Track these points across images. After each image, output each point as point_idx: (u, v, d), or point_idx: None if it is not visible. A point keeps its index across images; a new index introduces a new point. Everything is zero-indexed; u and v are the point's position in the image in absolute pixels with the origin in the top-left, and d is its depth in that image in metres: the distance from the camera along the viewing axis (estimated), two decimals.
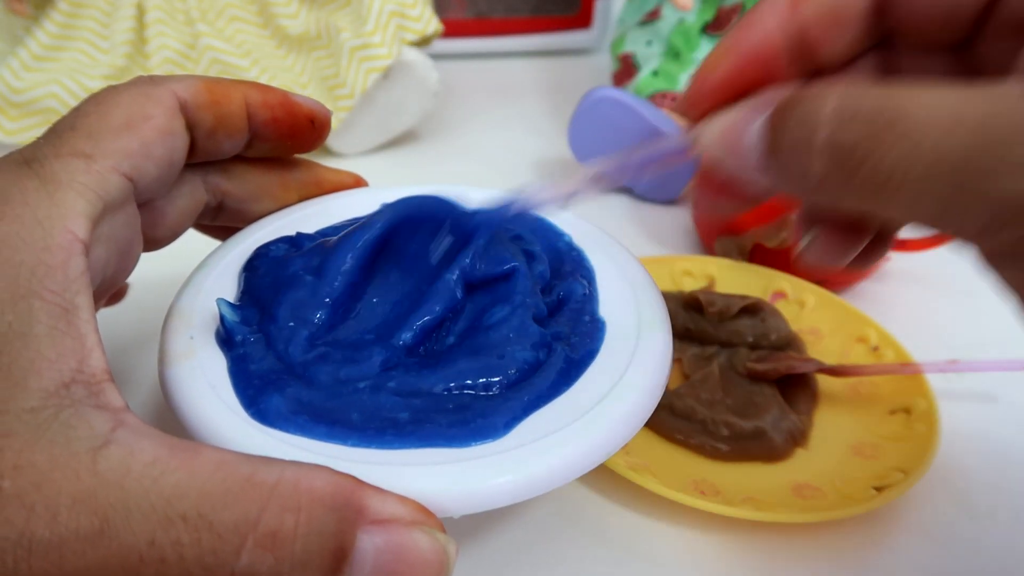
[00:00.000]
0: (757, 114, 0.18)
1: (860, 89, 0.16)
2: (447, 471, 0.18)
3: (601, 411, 0.20)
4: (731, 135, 0.18)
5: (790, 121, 0.17)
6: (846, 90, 0.16)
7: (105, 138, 0.20)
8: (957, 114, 0.14)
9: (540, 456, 0.18)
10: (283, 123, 0.25)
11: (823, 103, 0.16)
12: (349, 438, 0.19)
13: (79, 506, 0.15)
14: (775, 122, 0.17)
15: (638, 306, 0.23)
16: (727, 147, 0.19)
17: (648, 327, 0.23)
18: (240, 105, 0.23)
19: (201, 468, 0.16)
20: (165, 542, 0.15)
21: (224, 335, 0.22)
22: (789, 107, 0.17)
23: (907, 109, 0.15)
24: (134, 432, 0.16)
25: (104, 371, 0.17)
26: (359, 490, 0.17)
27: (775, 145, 0.17)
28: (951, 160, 0.14)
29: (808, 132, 0.16)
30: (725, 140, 0.19)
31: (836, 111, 0.16)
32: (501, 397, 0.20)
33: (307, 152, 0.26)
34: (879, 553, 0.26)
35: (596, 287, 0.24)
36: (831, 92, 0.16)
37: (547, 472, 0.18)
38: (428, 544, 0.17)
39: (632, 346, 0.22)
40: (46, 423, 0.16)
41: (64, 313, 0.17)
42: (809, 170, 0.16)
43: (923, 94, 0.15)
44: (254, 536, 0.15)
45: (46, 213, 0.18)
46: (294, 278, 0.23)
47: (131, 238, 0.21)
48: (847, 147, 0.16)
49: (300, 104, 0.25)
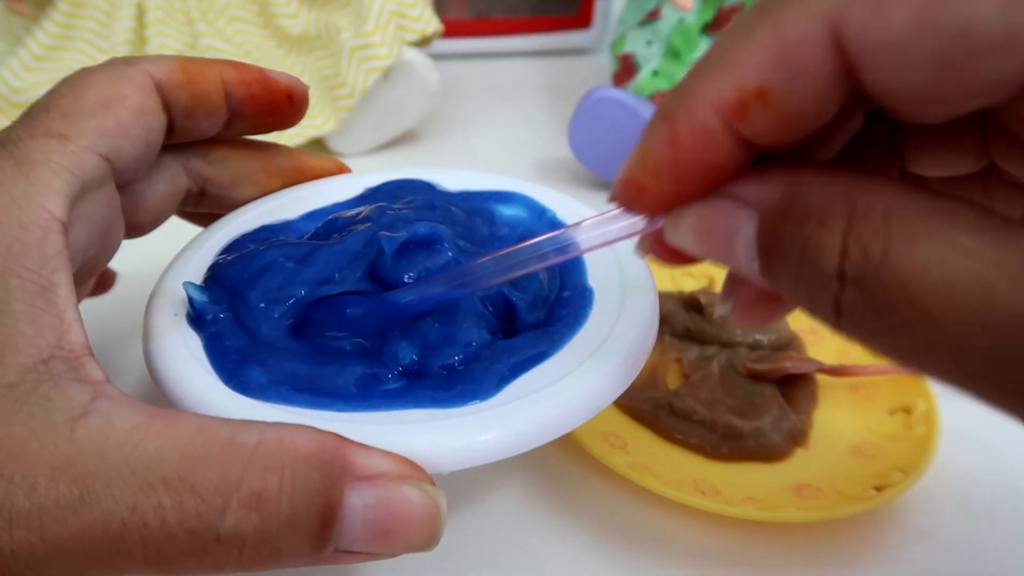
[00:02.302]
0: (740, 217, 0.15)
1: (867, 232, 0.12)
2: (435, 427, 0.18)
3: (587, 369, 0.20)
4: (713, 240, 0.15)
5: (787, 253, 0.14)
6: (853, 234, 0.13)
7: (80, 118, 0.20)
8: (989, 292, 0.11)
9: (527, 411, 0.19)
10: (261, 100, 0.24)
11: (824, 249, 0.13)
12: (335, 403, 0.19)
13: (58, 475, 0.15)
14: (766, 247, 0.14)
15: (622, 269, 0.24)
16: (711, 252, 0.16)
17: (633, 289, 0.23)
18: (216, 83, 0.23)
19: (181, 433, 0.16)
20: (147, 507, 0.15)
21: (194, 315, 0.21)
22: (780, 230, 0.14)
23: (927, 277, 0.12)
24: (113, 402, 0.16)
25: (83, 346, 0.17)
26: (343, 447, 0.17)
27: (773, 267, 0.14)
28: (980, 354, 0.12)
29: (811, 277, 0.13)
30: (707, 243, 0.16)
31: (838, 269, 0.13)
32: (488, 360, 0.20)
33: (286, 128, 0.26)
34: (879, 553, 0.26)
35: (583, 257, 0.25)
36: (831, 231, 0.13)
37: (533, 428, 0.18)
38: (418, 498, 0.17)
39: (618, 308, 0.22)
40: (24, 396, 0.16)
41: (42, 291, 0.17)
42: (822, 307, 0.14)
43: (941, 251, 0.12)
44: (237, 497, 0.15)
45: (22, 192, 0.18)
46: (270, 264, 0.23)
47: (111, 219, 0.21)
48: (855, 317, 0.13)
49: (277, 80, 0.25)
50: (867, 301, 0.13)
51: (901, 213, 0.12)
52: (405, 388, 0.20)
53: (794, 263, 0.14)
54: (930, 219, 0.12)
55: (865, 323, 0.13)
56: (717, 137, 0.14)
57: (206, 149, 0.25)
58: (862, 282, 0.13)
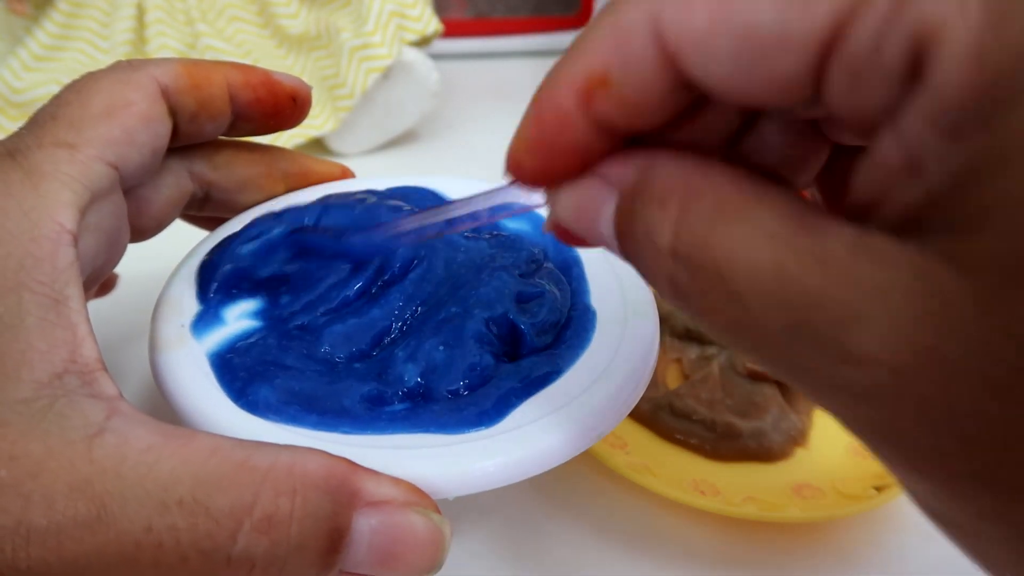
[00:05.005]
0: (605, 195, 0.15)
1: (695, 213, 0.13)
2: (441, 453, 0.18)
3: (588, 397, 0.20)
4: (584, 216, 0.16)
5: (634, 230, 0.15)
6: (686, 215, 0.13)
7: (87, 127, 0.19)
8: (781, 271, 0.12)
9: (531, 439, 0.19)
10: (266, 103, 0.24)
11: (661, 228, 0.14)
12: (341, 424, 0.19)
13: (75, 494, 0.15)
14: (620, 224, 0.15)
15: (624, 292, 0.24)
16: (582, 228, 0.16)
17: (635, 314, 0.23)
18: (222, 87, 0.23)
19: (195, 454, 0.16)
20: (162, 527, 0.15)
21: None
22: (631, 208, 0.15)
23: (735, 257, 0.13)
24: (128, 420, 0.16)
25: (96, 360, 0.17)
26: (354, 473, 0.17)
27: (625, 244, 0.15)
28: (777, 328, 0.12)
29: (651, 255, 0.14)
30: (579, 220, 0.16)
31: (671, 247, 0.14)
32: (494, 386, 0.20)
33: (289, 130, 0.26)
34: (879, 553, 0.26)
35: (585, 276, 0.25)
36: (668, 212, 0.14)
37: (537, 454, 0.19)
38: (423, 524, 0.17)
39: (619, 333, 0.22)
40: (40, 413, 0.16)
41: (54, 304, 0.17)
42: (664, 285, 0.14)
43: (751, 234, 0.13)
44: (250, 520, 0.15)
45: (32, 204, 0.18)
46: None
47: (118, 227, 0.21)
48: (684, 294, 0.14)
49: (281, 83, 0.25)
50: (692, 281, 0.13)
51: (727, 198, 0.13)
52: (410, 411, 0.20)
53: (639, 240, 0.14)
54: (748, 204, 0.13)
55: (691, 302, 0.14)
56: (572, 119, 0.15)
57: (211, 153, 0.25)
58: (688, 261, 0.13)
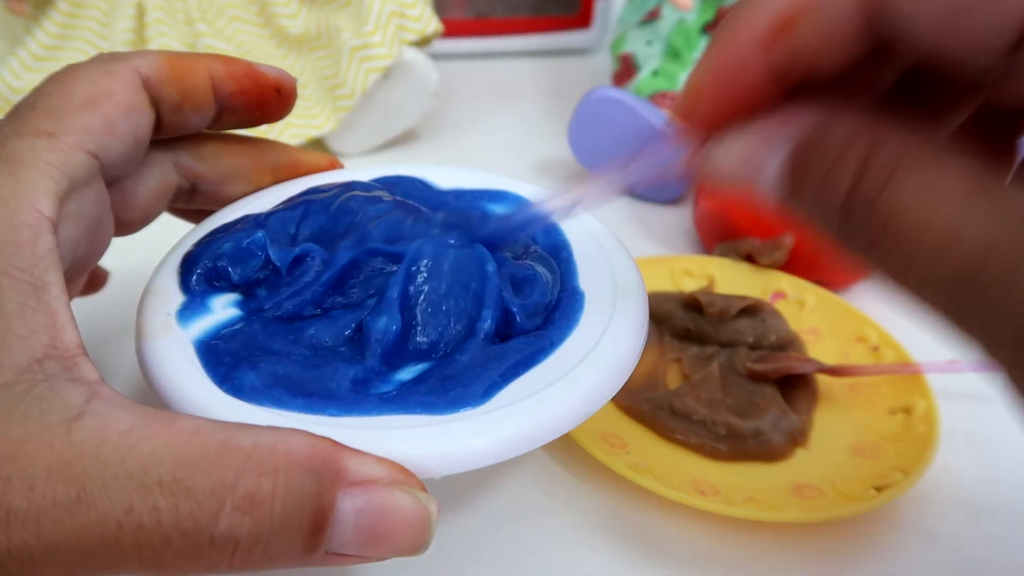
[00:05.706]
0: (775, 147, 0.17)
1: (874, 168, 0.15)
2: (427, 433, 0.18)
3: (576, 375, 0.20)
4: (749, 164, 0.17)
5: (810, 176, 0.16)
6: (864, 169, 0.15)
7: (67, 116, 0.19)
8: (954, 232, 0.13)
9: (518, 418, 0.19)
10: (250, 94, 0.24)
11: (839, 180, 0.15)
12: (328, 407, 0.19)
13: (55, 476, 0.15)
14: (795, 170, 0.16)
15: (614, 276, 0.24)
16: (745, 175, 0.18)
17: (624, 294, 0.23)
18: (204, 78, 0.23)
19: (176, 435, 0.16)
20: (143, 508, 0.15)
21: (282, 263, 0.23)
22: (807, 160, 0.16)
23: (906, 215, 0.14)
24: (109, 403, 0.16)
25: (77, 346, 0.17)
26: (337, 452, 0.17)
27: (796, 192, 0.17)
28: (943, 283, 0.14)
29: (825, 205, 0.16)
30: (743, 167, 0.18)
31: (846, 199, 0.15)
32: (481, 365, 0.20)
33: (276, 122, 0.26)
34: (879, 553, 0.26)
35: (574, 259, 0.25)
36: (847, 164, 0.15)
37: (524, 433, 0.19)
38: (409, 503, 0.17)
39: (608, 313, 0.22)
40: (19, 397, 0.16)
41: (34, 290, 0.17)
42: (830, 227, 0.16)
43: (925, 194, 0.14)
44: (232, 500, 0.15)
45: (10, 192, 0.18)
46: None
47: (100, 217, 0.21)
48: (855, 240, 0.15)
49: (265, 74, 0.25)
50: (863, 231, 0.15)
51: (904, 156, 0.14)
52: (398, 393, 0.20)
53: (813, 190, 0.16)
54: (926, 165, 0.14)
55: (860, 245, 0.15)
56: (751, 64, 0.16)
57: (198, 145, 0.25)
58: (863, 214, 0.15)
